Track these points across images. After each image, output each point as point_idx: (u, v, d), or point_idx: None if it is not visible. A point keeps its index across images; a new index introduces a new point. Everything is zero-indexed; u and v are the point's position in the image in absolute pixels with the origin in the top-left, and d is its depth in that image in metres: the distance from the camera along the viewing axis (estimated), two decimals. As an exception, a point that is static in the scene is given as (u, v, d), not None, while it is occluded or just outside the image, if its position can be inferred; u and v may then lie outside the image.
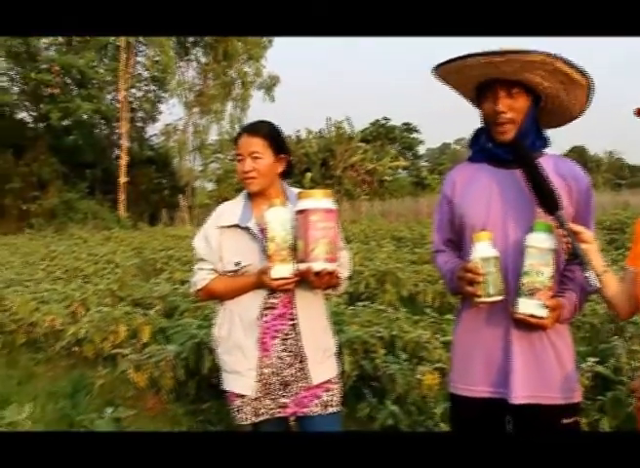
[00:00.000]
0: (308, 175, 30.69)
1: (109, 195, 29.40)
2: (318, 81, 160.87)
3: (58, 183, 27.63)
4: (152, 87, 33.93)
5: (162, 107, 34.99)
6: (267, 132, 2.33)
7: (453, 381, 2.10)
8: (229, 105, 33.97)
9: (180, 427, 3.86)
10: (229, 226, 2.36)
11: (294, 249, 2.17)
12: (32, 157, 27.89)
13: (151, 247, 12.61)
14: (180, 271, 8.18)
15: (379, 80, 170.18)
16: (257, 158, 2.29)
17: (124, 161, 28.95)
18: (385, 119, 47.68)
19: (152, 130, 46.59)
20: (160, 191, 33.23)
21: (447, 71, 1.99)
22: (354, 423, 3.67)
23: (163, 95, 34.12)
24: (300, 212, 2.12)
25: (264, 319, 2.29)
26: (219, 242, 2.36)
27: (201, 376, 4.09)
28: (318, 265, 2.09)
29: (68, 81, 29.59)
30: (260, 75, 33.46)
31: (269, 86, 33.62)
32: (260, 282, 2.22)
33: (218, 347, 2.42)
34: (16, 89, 29.81)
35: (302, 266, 2.12)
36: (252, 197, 2.42)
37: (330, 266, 2.12)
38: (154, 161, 33.59)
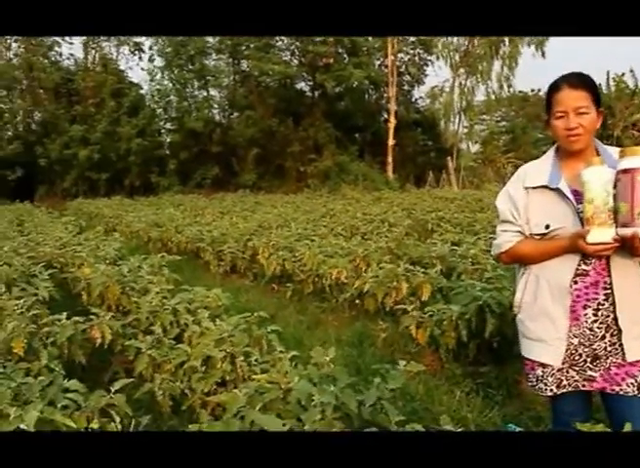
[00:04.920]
0: (586, 134, 28.41)
1: (378, 157, 30.56)
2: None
3: (331, 147, 29.52)
4: (418, 50, 34.05)
5: (428, 70, 34.95)
6: (591, 84, 2.14)
7: None
8: (496, 64, 32.74)
9: (459, 387, 3.87)
10: (537, 187, 2.23)
11: (614, 211, 1.98)
12: (309, 123, 30.18)
13: (420, 208, 12.79)
14: (451, 233, 8.17)
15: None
16: (582, 113, 2.10)
17: (392, 124, 29.69)
18: (680, 69, 41.72)
19: (418, 93, 47.01)
20: (426, 153, 33.60)
21: None
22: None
23: (429, 57, 34.10)
24: (625, 171, 1.93)
25: (575, 286, 2.15)
26: (525, 203, 2.25)
27: (482, 339, 4.04)
28: None
29: (340, 50, 31.00)
30: (530, 31, 31.50)
31: (540, 41, 31.43)
32: (574, 246, 2.07)
33: (519, 312, 2.33)
34: (295, 61, 32.16)
35: (626, 231, 1.93)
36: (560, 156, 2.26)
37: None
38: (420, 123, 33.97)
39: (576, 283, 2.15)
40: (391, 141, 29.65)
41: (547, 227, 2.18)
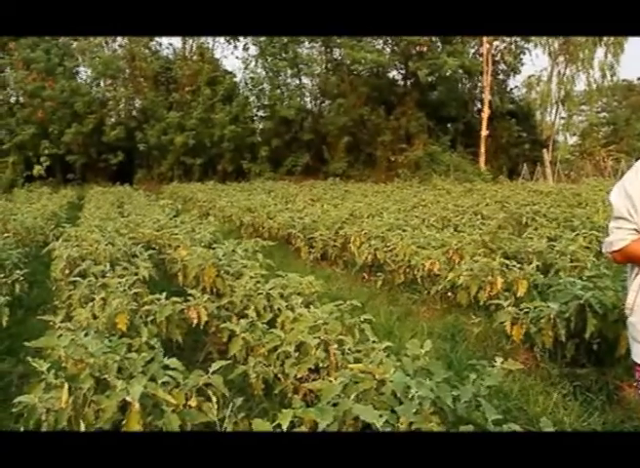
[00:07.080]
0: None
1: (470, 148, 29.88)
2: None
3: (423, 137, 29.13)
4: (515, 38, 32.87)
5: (525, 58, 33.70)
6: None
7: None
8: (599, 52, 31.15)
9: (556, 389, 3.73)
10: None
11: None
12: (401, 112, 29.92)
13: (514, 201, 12.37)
14: (547, 227, 7.88)
15: None
16: None
17: (485, 114, 28.91)
18: None
19: (514, 82, 45.55)
20: (520, 145, 32.51)
21: None
22: None
23: (526, 45, 32.83)
24: None
25: None
26: None
27: (581, 339, 3.87)
28: None
29: (434, 38, 30.37)
30: (642, 15, 29.69)
31: (652, 25, 29.61)
32: None
33: (631, 315, 2.22)
34: (388, 50, 31.81)
35: None
36: None
37: None
38: (515, 114, 32.89)
39: None
40: (484, 132, 28.88)
41: (667, 227, 2.05)
